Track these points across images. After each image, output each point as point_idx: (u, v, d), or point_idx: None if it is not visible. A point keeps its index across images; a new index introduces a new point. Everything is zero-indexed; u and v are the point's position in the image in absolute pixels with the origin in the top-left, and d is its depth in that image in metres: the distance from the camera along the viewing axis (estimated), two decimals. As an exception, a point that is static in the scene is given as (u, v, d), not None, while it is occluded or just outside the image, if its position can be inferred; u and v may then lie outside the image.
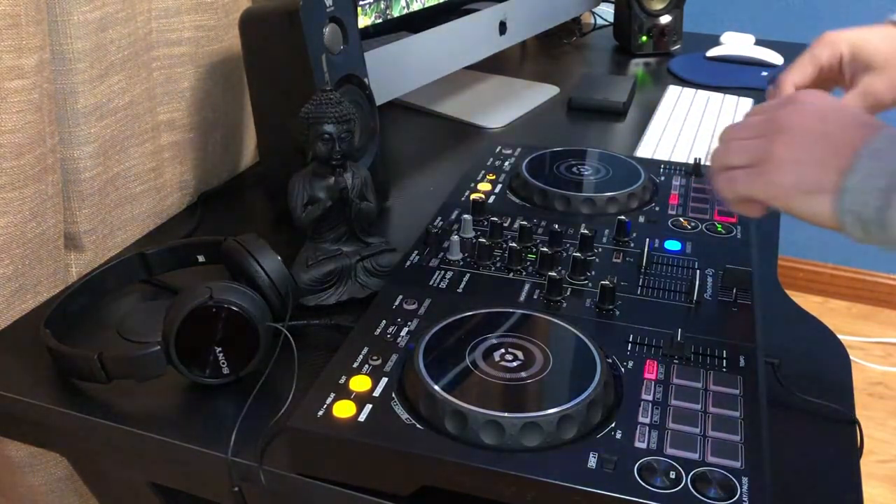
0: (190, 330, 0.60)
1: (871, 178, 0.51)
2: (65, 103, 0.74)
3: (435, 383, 0.54)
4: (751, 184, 0.57)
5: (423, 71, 1.10)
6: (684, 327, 0.61)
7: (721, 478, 0.49)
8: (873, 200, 0.50)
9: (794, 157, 0.55)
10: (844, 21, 2.15)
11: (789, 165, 0.55)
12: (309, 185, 0.72)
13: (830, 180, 0.53)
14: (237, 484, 0.57)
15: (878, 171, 0.51)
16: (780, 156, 0.56)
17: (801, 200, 0.55)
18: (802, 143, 0.55)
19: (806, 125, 0.56)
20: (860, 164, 0.52)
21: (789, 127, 0.56)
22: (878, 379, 2.09)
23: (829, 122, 0.56)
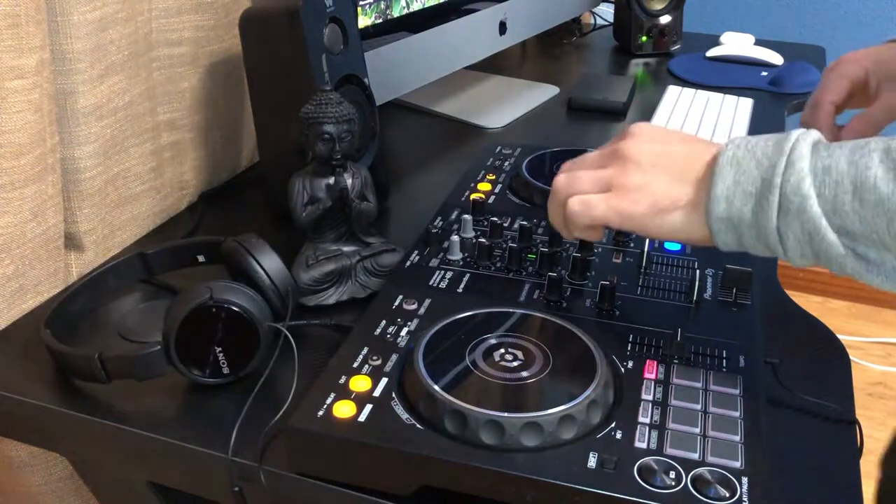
0: (190, 330, 0.60)
1: (738, 184, 0.53)
2: (65, 103, 0.74)
3: (435, 383, 0.54)
4: (606, 208, 0.58)
5: (423, 71, 1.10)
6: (684, 327, 0.61)
7: (721, 478, 0.49)
8: (744, 204, 0.53)
9: (644, 181, 0.57)
10: (845, 21, 2.15)
11: (642, 190, 0.57)
12: (309, 185, 0.72)
13: (686, 194, 0.56)
14: (237, 484, 0.57)
15: (743, 176, 0.53)
16: (631, 182, 0.58)
17: (660, 219, 0.57)
18: (649, 167, 0.58)
19: (648, 150, 0.58)
20: (722, 172, 0.54)
21: (632, 155, 0.58)
22: (878, 379, 2.09)
23: (671, 143, 0.59)
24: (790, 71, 1.39)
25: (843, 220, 0.50)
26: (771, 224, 0.52)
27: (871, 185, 0.48)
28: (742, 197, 0.53)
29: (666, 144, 0.59)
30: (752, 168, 0.53)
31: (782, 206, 0.51)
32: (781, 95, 1.33)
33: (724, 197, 0.54)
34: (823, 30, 2.16)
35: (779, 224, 0.52)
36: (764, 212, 0.52)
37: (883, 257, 0.50)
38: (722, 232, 0.55)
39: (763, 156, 0.53)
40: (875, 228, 0.49)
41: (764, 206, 0.52)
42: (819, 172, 0.50)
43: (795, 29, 2.18)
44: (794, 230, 0.51)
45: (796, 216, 0.51)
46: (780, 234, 0.52)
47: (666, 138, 0.60)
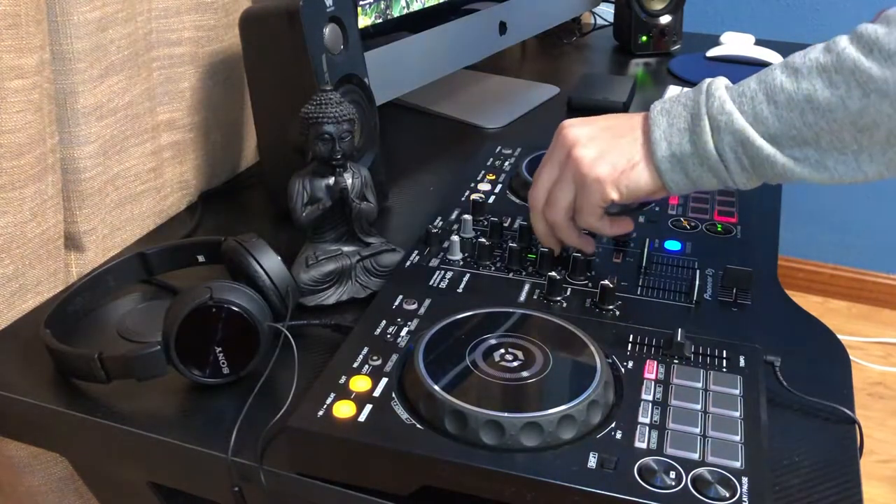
0: (190, 330, 0.60)
1: (672, 125, 0.62)
2: (65, 103, 0.74)
3: (435, 383, 0.54)
4: (588, 199, 0.65)
5: (423, 71, 1.10)
6: (684, 327, 0.61)
7: (721, 478, 0.49)
8: (682, 138, 0.61)
9: (596, 152, 0.64)
10: (845, 21, 2.15)
11: (598, 160, 0.64)
12: (309, 185, 0.72)
13: (638, 151, 0.63)
14: (237, 484, 0.57)
15: (675, 119, 0.62)
16: (586, 159, 0.64)
17: (627, 178, 0.63)
18: (594, 141, 0.65)
19: (585, 131, 0.66)
20: (656, 121, 0.63)
21: (574, 139, 0.66)
22: (877, 379, 2.09)
23: (601, 121, 0.67)
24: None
25: (766, 125, 0.58)
26: (709, 145, 0.60)
27: (780, 88, 0.58)
28: (678, 133, 0.61)
29: (596, 123, 0.67)
30: (679, 110, 0.62)
31: (713, 126, 0.60)
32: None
33: (663, 138, 0.62)
34: (823, 30, 2.16)
35: (715, 142, 0.60)
36: (699, 137, 0.60)
37: (805, 153, 0.58)
38: (669, 171, 0.62)
39: (686, 99, 0.62)
40: (792, 123, 0.57)
41: (698, 133, 0.60)
42: (735, 95, 0.60)
43: (795, 29, 2.18)
44: (729, 143, 0.59)
45: (727, 130, 0.59)
46: (718, 152, 0.60)
47: (594, 119, 0.67)
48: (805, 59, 0.58)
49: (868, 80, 0.54)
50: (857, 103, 0.55)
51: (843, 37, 0.57)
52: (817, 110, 0.56)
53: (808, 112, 0.57)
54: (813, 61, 0.57)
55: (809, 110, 0.57)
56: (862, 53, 0.55)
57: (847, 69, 0.55)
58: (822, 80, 0.56)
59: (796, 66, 0.58)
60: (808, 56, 0.58)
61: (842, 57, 0.55)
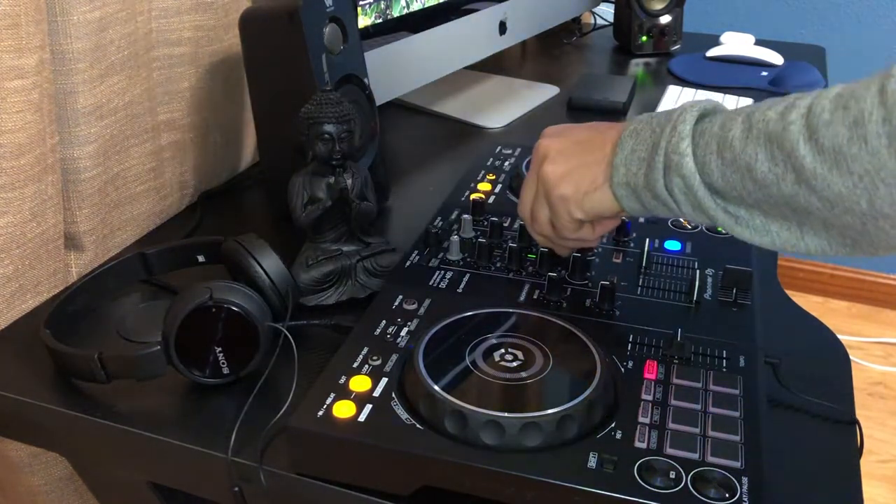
0: (190, 330, 0.60)
1: (634, 152, 0.58)
2: (65, 103, 0.74)
3: (435, 383, 0.54)
4: (557, 217, 0.64)
5: (423, 71, 1.10)
6: (684, 327, 0.61)
7: (721, 478, 0.49)
8: (639, 169, 0.58)
9: (563, 170, 0.62)
10: (845, 21, 2.15)
11: (563, 179, 0.62)
12: (309, 185, 0.72)
13: (603, 172, 0.60)
14: (237, 484, 0.57)
15: (639, 145, 0.58)
16: (552, 177, 0.63)
17: (589, 200, 0.61)
18: (563, 157, 0.63)
19: (557, 144, 0.64)
20: (623, 143, 0.59)
21: (545, 153, 0.64)
22: (878, 379, 2.09)
23: (579, 131, 0.64)
24: (790, 71, 1.38)
25: (711, 178, 0.54)
26: (659, 183, 0.56)
27: (730, 143, 0.53)
28: (637, 162, 0.58)
29: (571, 135, 0.64)
30: (646, 135, 0.58)
31: (665, 164, 0.56)
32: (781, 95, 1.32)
33: (622, 163, 0.59)
34: (823, 30, 2.16)
35: (665, 182, 0.56)
36: (652, 171, 0.57)
37: (751, 214, 0.54)
38: (625, 198, 0.59)
39: (657, 125, 0.58)
40: (734, 185, 0.53)
41: (652, 167, 0.57)
42: (696, 135, 0.55)
43: (795, 29, 2.18)
44: (678, 185, 0.56)
45: (676, 172, 0.55)
46: (668, 191, 0.56)
47: (572, 129, 0.65)
48: (763, 115, 0.52)
49: (801, 168, 0.49)
50: (790, 188, 0.50)
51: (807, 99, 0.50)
52: (755, 181, 0.52)
53: (748, 180, 0.52)
54: (765, 124, 0.51)
55: (749, 179, 0.52)
56: (804, 135, 0.49)
57: (787, 149, 0.49)
58: (764, 151, 0.51)
59: (752, 121, 0.52)
60: (766, 113, 0.52)
61: (787, 132, 0.49)
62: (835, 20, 2.15)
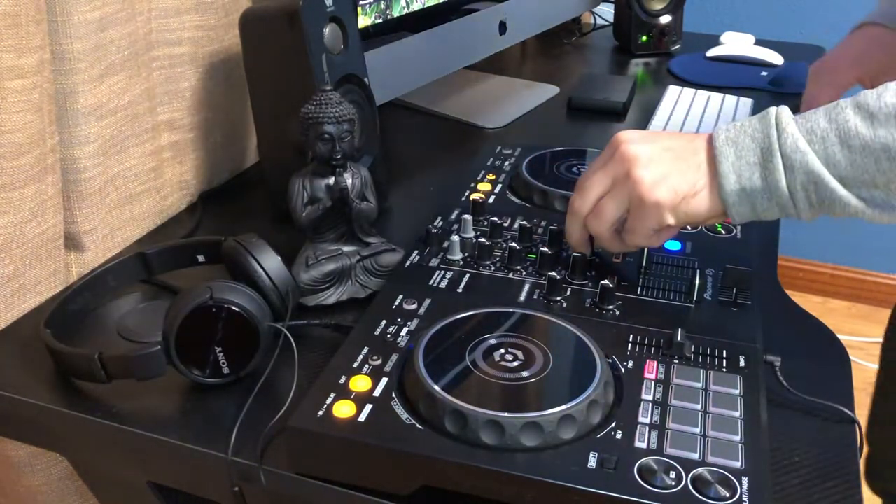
0: (190, 330, 0.60)
1: (741, 158, 0.60)
2: (65, 103, 0.74)
3: (435, 383, 0.54)
4: (642, 221, 0.64)
5: (423, 71, 1.10)
6: (684, 327, 0.61)
7: (721, 478, 0.49)
8: (752, 173, 0.60)
9: (658, 175, 0.62)
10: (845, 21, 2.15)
11: (660, 183, 0.62)
12: (309, 185, 0.72)
13: (702, 178, 0.62)
14: (237, 484, 0.57)
15: (744, 151, 0.60)
16: (647, 181, 0.62)
17: (687, 205, 0.62)
18: (655, 163, 0.63)
19: (646, 150, 0.63)
20: (723, 151, 0.61)
21: (634, 157, 0.63)
22: (878, 379, 2.09)
23: (662, 140, 0.64)
24: (790, 71, 1.39)
25: (838, 168, 0.57)
26: (781, 183, 0.59)
27: (854, 132, 0.57)
28: (748, 167, 0.60)
29: (657, 142, 0.64)
30: (748, 143, 0.60)
31: (786, 165, 0.58)
32: (781, 95, 1.33)
33: (732, 171, 0.60)
34: (823, 30, 2.16)
35: (788, 181, 0.59)
36: (772, 174, 0.59)
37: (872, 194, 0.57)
38: (737, 203, 0.61)
39: (754, 131, 0.60)
40: (865, 169, 0.57)
41: (771, 169, 0.59)
42: (806, 133, 0.58)
43: (795, 29, 2.18)
44: (802, 182, 0.58)
45: (801, 169, 0.58)
46: (790, 190, 0.59)
47: (654, 137, 0.65)
48: (881, 102, 0.56)
49: None
50: None
51: None
52: (894, 159, 0.56)
53: (884, 160, 0.56)
54: (890, 107, 0.56)
55: (885, 158, 0.56)
56: None
57: None
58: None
59: (871, 110, 0.56)
60: (882, 100, 0.56)
61: None
62: (835, 20, 2.14)
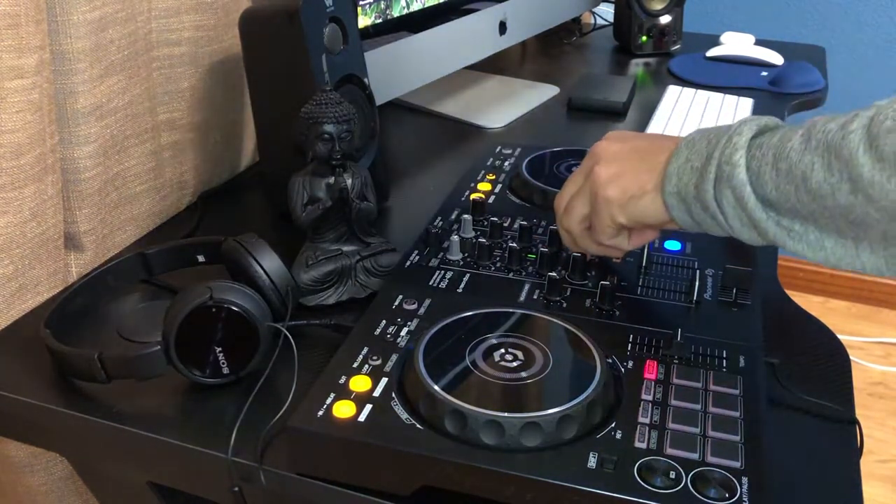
0: (190, 330, 0.60)
1: (688, 161, 0.58)
2: (65, 103, 0.74)
3: (435, 383, 0.54)
4: (598, 218, 0.64)
5: (423, 71, 1.10)
6: (684, 327, 0.61)
7: (721, 478, 0.49)
8: (689, 178, 0.57)
9: (613, 172, 0.62)
10: (845, 21, 2.15)
11: (612, 181, 0.62)
12: (309, 185, 0.72)
13: (652, 179, 0.60)
14: (237, 484, 0.57)
15: (693, 155, 0.58)
16: (602, 177, 0.62)
17: (634, 205, 0.61)
18: (617, 160, 0.63)
19: (614, 147, 0.64)
20: (678, 152, 0.59)
21: (601, 154, 0.64)
22: (878, 379, 2.09)
23: (639, 139, 0.65)
24: (790, 71, 1.39)
25: (763, 189, 0.53)
26: (709, 194, 0.56)
27: (786, 155, 0.52)
28: (689, 172, 0.57)
29: (632, 141, 0.64)
30: (702, 147, 0.57)
31: (717, 175, 0.55)
32: (781, 95, 1.33)
33: (674, 173, 0.58)
34: (823, 30, 2.16)
35: (715, 193, 0.56)
36: (703, 183, 0.56)
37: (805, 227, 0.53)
38: (675, 207, 0.59)
39: (713, 136, 0.57)
40: (788, 196, 0.52)
41: (704, 177, 0.56)
42: (753, 147, 0.55)
43: (795, 29, 2.18)
44: (728, 198, 0.55)
45: (727, 183, 0.55)
46: (717, 203, 0.56)
47: (633, 137, 0.65)
48: (825, 127, 0.51)
49: (858, 178, 0.48)
50: (846, 198, 0.49)
51: (871, 110, 0.49)
52: (810, 192, 0.51)
53: (802, 191, 0.51)
54: (825, 134, 0.51)
55: (804, 190, 0.51)
56: (864, 143, 0.48)
57: (844, 158, 0.49)
58: (821, 160, 0.50)
59: (812, 133, 0.52)
60: (827, 125, 0.51)
61: (847, 140, 0.49)
62: (835, 20, 2.15)
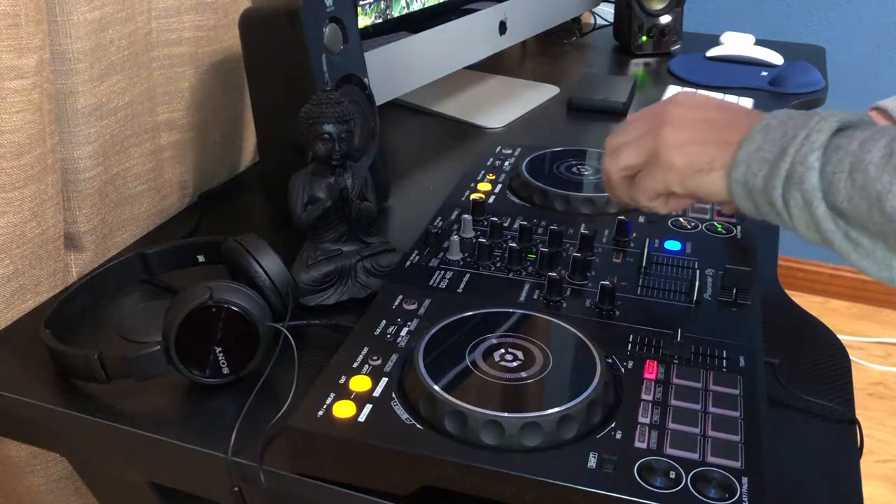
0: (190, 330, 0.60)
1: (760, 150, 0.54)
2: (65, 103, 0.74)
3: (435, 383, 0.54)
4: (650, 179, 0.60)
5: (423, 71, 1.10)
6: (684, 327, 0.61)
7: (721, 478, 0.49)
8: (759, 170, 0.54)
9: (683, 139, 0.58)
10: (845, 21, 2.15)
11: (679, 148, 0.58)
12: (309, 185, 0.72)
13: (722, 157, 0.56)
14: (237, 484, 0.57)
15: (767, 144, 0.54)
16: (669, 142, 0.58)
17: (697, 179, 0.57)
18: (688, 128, 0.59)
19: (688, 114, 0.59)
20: (752, 137, 0.55)
21: (672, 117, 0.60)
22: (878, 379, 2.09)
23: (712, 109, 0.60)
24: (790, 71, 1.38)
25: (835, 198, 0.50)
26: (777, 191, 0.53)
27: (864, 168, 0.48)
28: (759, 163, 0.54)
29: (706, 110, 0.60)
30: (777, 137, 0.53)
31: (788, 174, 0.52)
32: (781, 95, 1.33)
33: (744, 161, 0.55)
34: (823, 30, 2.16)
35: (783, 192, 0.52)
36: (773, 178, 0.53)
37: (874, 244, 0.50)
38: (740, 195, 0.56)
39: (791, 126, 0.53)
40: (859, 210, 0.49)
41: (774, 173, 0.53)
42: (830, 149, 0.51)
43: (795, 29, 2.18)
44: (797, 200, 0.52)
45: (797, 186, 0.51)
46: (784, 202, 0.53)
47: (706, 104, 0.61)
48: None
49: None
50: None
51: None
52: (883, 213, 0.47)
53: (876, 210, 0.48)
54: None
55: (877, 210, 0.48)
56: None
57: None
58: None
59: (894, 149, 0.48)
60: None
61: None
62: (835, 20, 2.15)
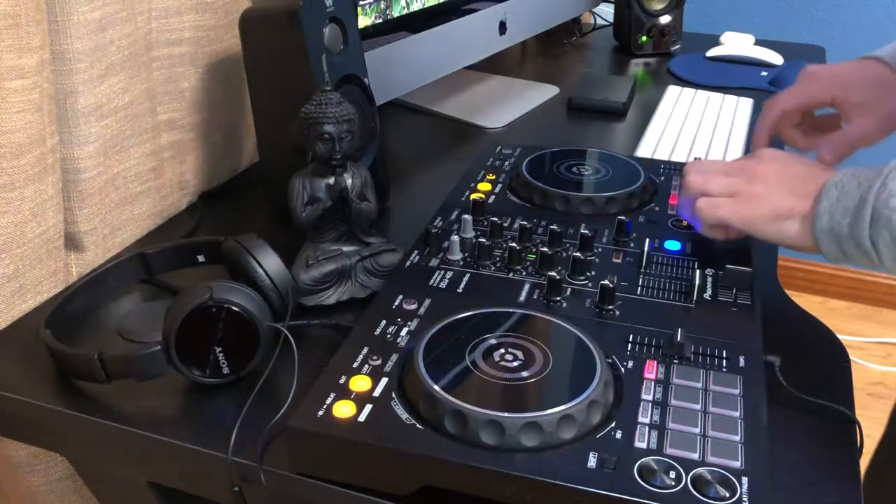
0: (190, 330, 0.60)
1: (840, 201, 0.62)
2: (65, 103, 0.74)
3: (435, 383, 0.54)
4: (731, 211, 0.68)
5: (423, 71, 1.10)
6: (684, 327, 0.61)
7: (721, 478, 0.49)
8: (843, 218, 0.62)
9: (768, 191, 0.68)
10: (845, 21, 2.15)
11: (765, 198, 0.67)
12: (309, 185, 0.72)
13: (801, 207, 0.65)
14: (237, 484, 0.57)
15: (845, 196, 0.62)
16: (757, 192, 0.68)
17: (776, 225, 0.66)
18: (774, 182, 0.68)
19: (774, 171, 0.69)
20: (828, 191, 0.63)
21: (762, 173, 0.69)
22: (878, 379, 2.09)
23: (793, 167, 0.69)
24: (790, 71, 1.39)
25: None
26: (864, 234, 0.60)
27: None
28: (842, 212, 0.62)
29: (789, 168, 0.69)
30: (853, 189, 0.62)
31: (874, 217, 0.60)
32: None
33: (826, 212, 0.63)
34: (823, 30, 2.16)
35: (871, 233, 0.60)
36: (857, 223, 0.60)
37: None
38: (825, 242, 0.63)
39: (864, 179, 0.62)
40: None
41: (859, 219, 0.60)
42: None
43: (795, 29, 2.18)
44: (884, 238, 0.59)
45: (885, 226, 0.59)
46: (872, 243, 0.60)
47: (789, 161, 0.70)
48: None
49: None
50: None
51: None
52: None
53: None
54: None
55: None
56: None
57: None
58: None
59: None
60: None
61: None
62: (835, 20, 2.15)
